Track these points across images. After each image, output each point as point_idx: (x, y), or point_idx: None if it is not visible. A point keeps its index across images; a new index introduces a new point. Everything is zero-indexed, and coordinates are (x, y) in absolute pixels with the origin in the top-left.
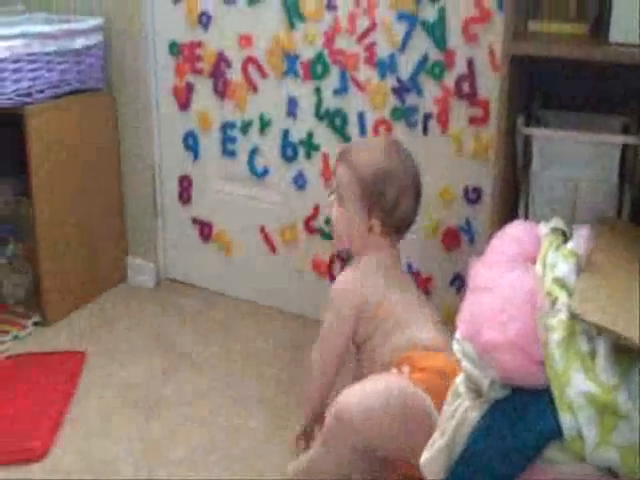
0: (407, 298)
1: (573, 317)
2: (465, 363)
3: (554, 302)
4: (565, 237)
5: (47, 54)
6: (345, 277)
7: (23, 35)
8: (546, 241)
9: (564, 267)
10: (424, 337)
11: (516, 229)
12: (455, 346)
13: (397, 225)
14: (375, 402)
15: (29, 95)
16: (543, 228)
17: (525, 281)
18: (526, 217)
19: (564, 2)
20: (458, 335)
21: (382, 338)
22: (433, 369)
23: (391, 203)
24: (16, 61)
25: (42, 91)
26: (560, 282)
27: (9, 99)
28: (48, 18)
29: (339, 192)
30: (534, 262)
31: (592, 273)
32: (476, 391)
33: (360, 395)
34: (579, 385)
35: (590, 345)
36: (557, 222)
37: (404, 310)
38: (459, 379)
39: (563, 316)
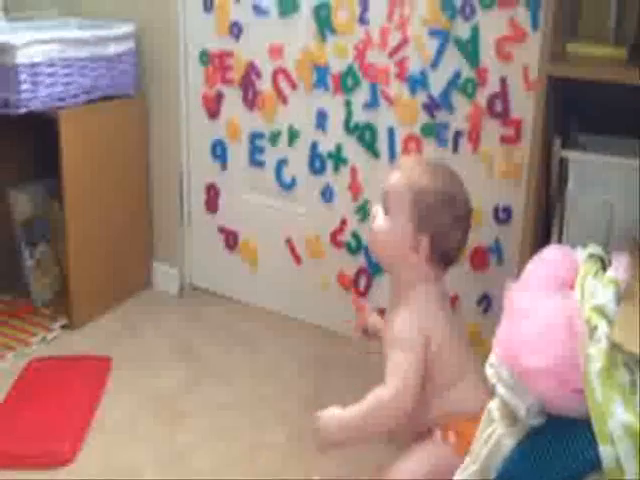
0: (461, 343)
1: (614, 347)
2: (500, 388)
3: (593, 330)
4: (603, 263)
5: (81, 59)
6: (406, 319)
7: (58, 40)
8: (584, 267)
9: (604, 295)
10: (472, 404)
11: (553, 253)
12: (489, 370)
13: (442, 254)
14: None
15: (62, 99)
16: (580, 254)
17: (564, 307)
18: (560, 240)
19: (603, 25)
20: (493, 359)
21: (433, 389)
22: None
23: (444, 229)
24: (51, 65)
25: (75, 96)
26: (600, 310)
27: (43, 103)
28: (81, 23)
29: (388, 201)
30: (571, 288)
31: (632, 302)
32: (511, 417)
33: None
34: (619, 416)
35: (631, 376)
36: (594, 248)
37: (458, 362)
38: (493, 404)
39: (603, 345)
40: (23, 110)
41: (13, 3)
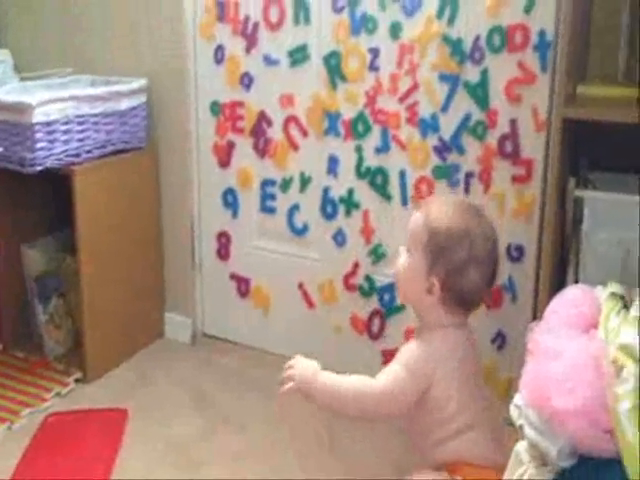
0: (474, 394)
1: None
2: (529, 430)
3: (620, 370)
4: (624, 302)
5: (94, 115)
6: (419, 347)
7: (73, 98)
8: (606, 306)
9: (629, 334)
10: (479, 454)
11: (574, 293)
12: (514, 412)
13: (458, 296)
14: None
15: (77, 156)
16: (601, 293)
17: (590, 348)
18: (576, 278)
19: (613, 66)
20: (520, 401)
21: (441, 430)
22: None
23: (456, 266)
24: (66, 123)
25: (89, 151)
26: (625, 349)
27: (58, 160)
28: (94, 80)
29: (409, 239)
30: (594, 327)
31: None
32: (540, 459)
33: None
34: None
35: None
36: (615, 287)
37: (468, 412)
38: (520, 446)
39: (631, 385)
40: (39, 168)
41: (24, 63)
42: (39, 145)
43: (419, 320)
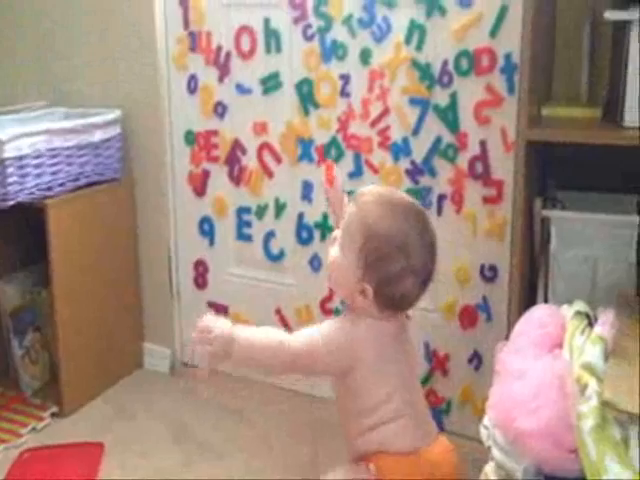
0: (403, 384)
1: (604, 405)
2: (495, 451)
3: (584, 388)
4: (589, 320)
5: (67, 148)
6: (336, 324)
7: (44, 131)
8: (571, 325)
9: (592, 352)
10: (401, 444)
11: (540, 313)
12: (483, 432)
13: (390, 301)
14: None
15: (50, 189)
16: (567, 311)
17: (554, 367)
18: (546, 297)
19: (575, 87)
20: (487, 422)
21: (363, 420)
22: None
23: (390, 276)
24: (38, 157)
25: (62, 184)
26: (589, 368)
27: (30, 194)
28: (67, 112)
29: (342, 235)
30: (559, 346)
31: (620, 359)
32: (507, 478)
33: None
34: (614, 472)
35: (623, 432)
36: (580, 305)
37: (392, 405)
38: (488, 467)
39: (594, 403)
40: (11, 203)
41: (1, 97)
42: (10, 180)
43: (347, 304)
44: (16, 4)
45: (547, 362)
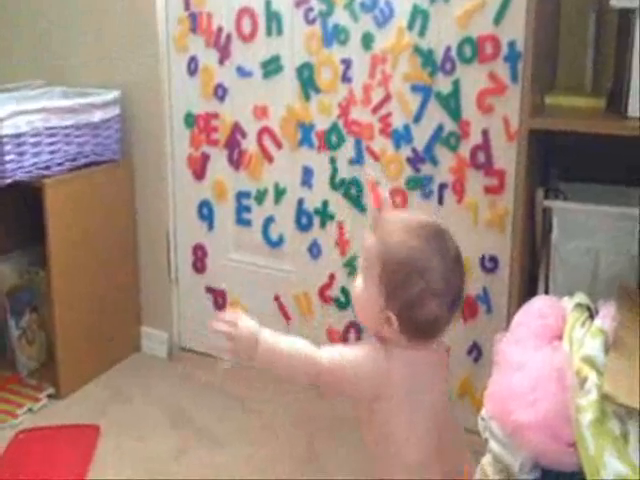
0: (431, 429)
1: (604, 398)
2: (493, 443)
3: (584, 381)
4: (590, 312)
5: (65, 128)
6: (367, 355)
7: (42, 110)
8: (571, 317)
9: (592, 345)
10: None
11: (540, 304)
12: (480, 424)
13: (416, 327)
14: None
15: (48, 168)
16: (567, 303)
17: (554, 359)
18: (546, 288)
19: (580, 76)
20: (485, 413)
21: (388, 461)
22: None
23: (411, 301)
24: (35, 135)
25: (60, 164)
26: (589, 361)
27: (28, 172)
28: (66, 92)
29: (363, 263)
30: (559, 338)
31: (620, 352)
32: (505, 471)
33: None
34: (612, 467)
35: (622, 426)
36: (581, 297)
37: (420, 450)
38: (485, 459)
39: (594, 397)
40: (8, 181)
41: None
42: (8, 157)
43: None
44: None
45: (546, 354)
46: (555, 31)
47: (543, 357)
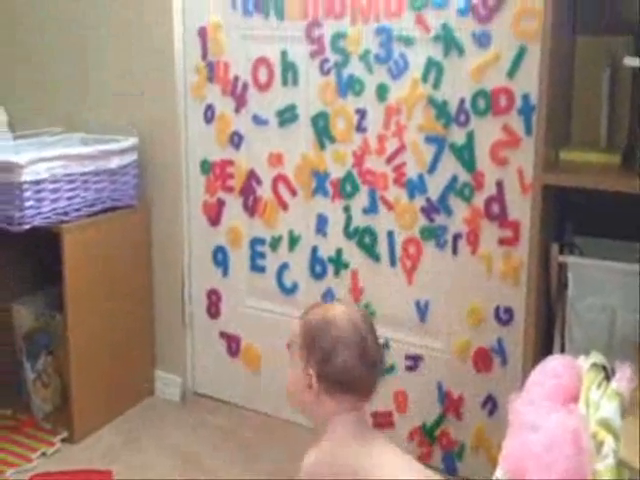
0: (391, 461)
1: (621, 464)
2: None
3: (600, 445)
4: (606, 372)
5: (84, 174)
6: (312, 455)
7: (62, 157)
8: (587, 378)
9: (609, 408)
10: None
11: (555, 364)
12: None
13: (336, 381)
14: None
15: (66, 214)
16: (583, 363)
17: (570, 421)
18: (562, 344)
19: (594, 132)
20: (500, 474)
21: None
22: None
23: (325, 353)
24: (54, 181)
25: (78, 210)
26: (605, 424)
27: (47, 218)
28: (84, 138)
29: (291, 346)
30: (574, 398)
31: (637, 416)
32: None
33: None
34: None
35: None
36: (597, 357)
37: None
38: None
39: (611, 461)
40: (27, 227)
41: (18, 121)
42: (27, 204)
43: (313, 422)
44: (35, 32)
45: (561, 416)
46: (569, 85)
47: (557, 419)
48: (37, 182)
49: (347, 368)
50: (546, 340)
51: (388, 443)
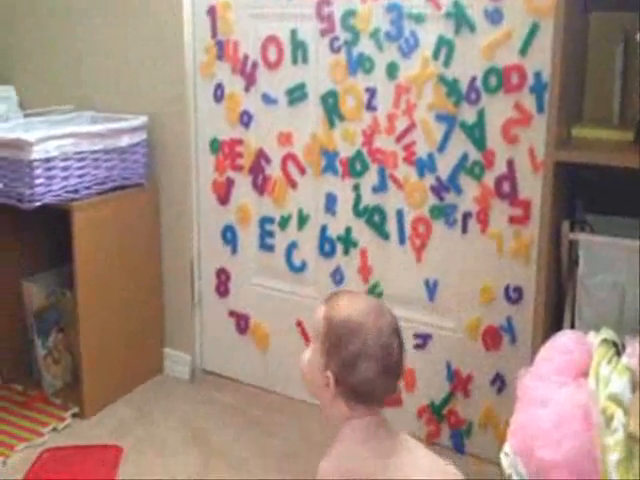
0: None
1: (631, 438)
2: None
3: (610, 420)
4: (616, 348)
5: (94, 152)
6: (326, 461)
7: (72, 135)
8: (598, 353)
9: (619, 383)
10: None
11: (565, 339)
12: (504, 460)
13: (352, 391)
14: None
15: (76, 192)
16: (593, 339)
17: (579, 396)
18: (572, 321)
19: (607, 108)
20: (508, 449)
21: None
22: None
23: (347, 360)
24: (65, 159)
25: (88, 188)
26: (615, 399)
27: (57, 196)
28: (94, 117)
29: (312, 332)
30: (584, 374)
31: None
32: None
33: None
34: None
35: None
36: (607, 333)
37: None
38: None
39: (620, 436)
40: (37, 204)
41: (29, 100)
42: (38, 181)
43: (325, 417)
44: (46, 10)
45: (570, 391)
46: (582, 62)
47: (567, 394)
48: (47, 160)
49: (367, 380)
50: (556, 318)
51: (409, 442)
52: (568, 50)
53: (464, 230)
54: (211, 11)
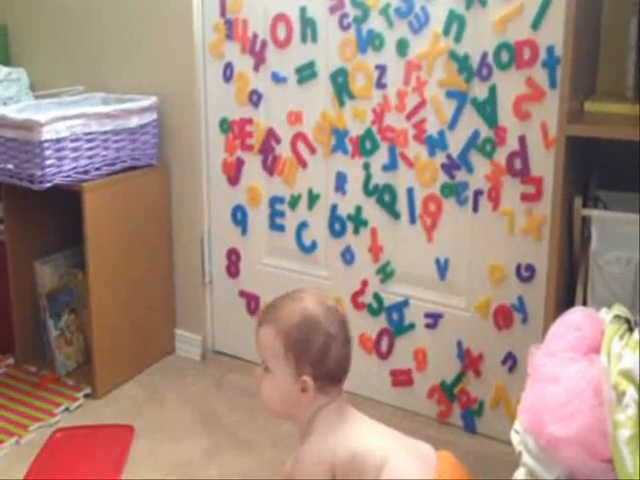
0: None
1: None
2: (526, 457)
3: (621, 396)
4: (629, 325)
5: (104, 133)
6: (307, 449)
7: (82, 115)
8: (610, 329)
9: (631, 359)
10: None
11: (577, 316)
12: (514, 437)
13: (330, 376)
14: None
15: (86, 172)
16: (605, 315)
17: (590, 373)
18: (584, 300)
19: (621, 82)
20: (519, 426)
21: None
22: None
23: (319, 354)
24: (75, 140)
25: (98, 168)
26: (627, 375)
27: (67, 177)
28: (105, 97)
29: (263, 359)
30: (596, 351)
31: None
32: None
33: None
34: None
35: None
36: (620, 309)
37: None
38: (519, 473)
39: (632, 412)
40: (48, 185)
41: (40, 82)
42: (48, 162)
43: (300, 423)
44: None
45: (582, 367)
46: (595, 36)
47: (579, 370)
48: (57, 140)
49: (339, 359)
50: (568, 295)
51: (373, 422)
52: (581, 23)
53: (475, 208)
54: None
